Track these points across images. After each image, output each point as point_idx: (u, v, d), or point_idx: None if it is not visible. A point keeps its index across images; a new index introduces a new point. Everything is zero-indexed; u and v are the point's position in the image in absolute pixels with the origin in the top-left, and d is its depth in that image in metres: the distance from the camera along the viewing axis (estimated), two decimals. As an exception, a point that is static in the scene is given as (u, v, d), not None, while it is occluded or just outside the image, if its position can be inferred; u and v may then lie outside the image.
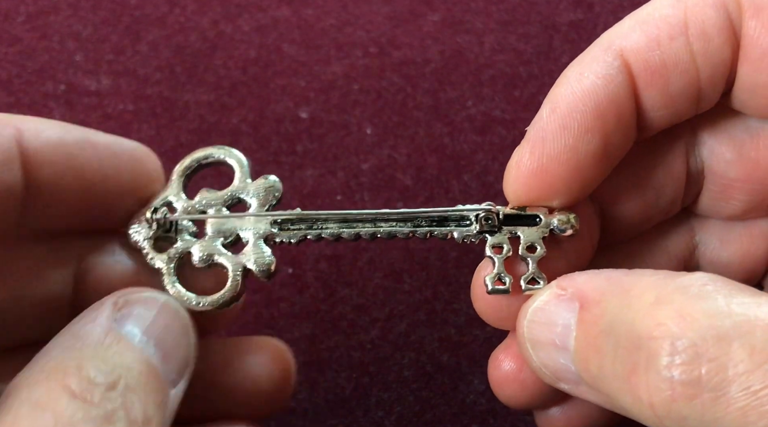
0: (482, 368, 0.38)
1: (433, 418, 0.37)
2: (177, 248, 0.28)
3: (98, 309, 0.25)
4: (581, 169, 0.26)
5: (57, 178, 0.27)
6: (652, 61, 0.26)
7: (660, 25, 0.26)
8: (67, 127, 0.27)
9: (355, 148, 0.43)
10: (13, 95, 0.44)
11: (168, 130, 0.43)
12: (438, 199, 0.42)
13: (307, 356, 0.38)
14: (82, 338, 0.24)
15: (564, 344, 0.24)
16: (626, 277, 0.23)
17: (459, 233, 0.28)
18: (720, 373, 0.19)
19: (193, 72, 0.45)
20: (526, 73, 0.45)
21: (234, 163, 0.29)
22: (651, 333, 0.21)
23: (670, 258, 0.31)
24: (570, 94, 0.26)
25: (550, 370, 0.25)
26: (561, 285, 0.25)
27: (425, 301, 0.39)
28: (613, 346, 0.22)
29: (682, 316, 0.20)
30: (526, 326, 0.25)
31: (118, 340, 0.24)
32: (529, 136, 0.27)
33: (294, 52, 0.46)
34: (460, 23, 0.47)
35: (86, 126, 0.43)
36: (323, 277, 0.39)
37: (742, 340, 0.19)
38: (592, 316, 0.23)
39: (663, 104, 0.27)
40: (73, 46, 0.46)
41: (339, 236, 0.28)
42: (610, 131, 0.26)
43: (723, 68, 0.27)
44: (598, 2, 0.48)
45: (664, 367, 0.20)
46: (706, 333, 0.20)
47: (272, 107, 0.44)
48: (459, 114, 0.44)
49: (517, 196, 0.27)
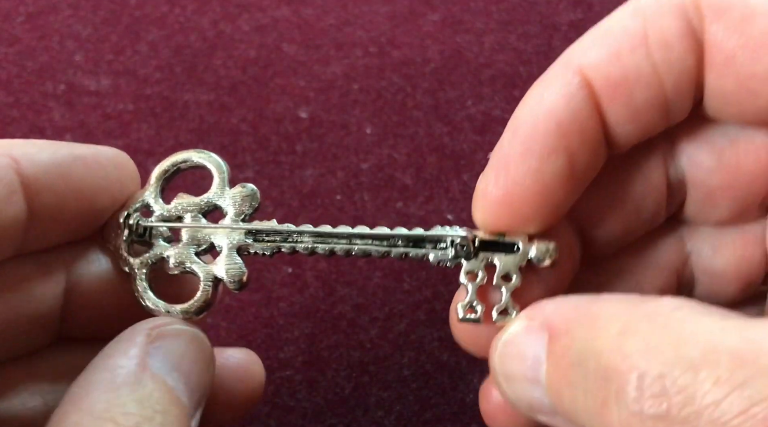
0: (482, 367, 0.38)
1: (433, 417, 0.37)
2: (150, 254, 0.28)
3: (131, 340, 0.25)
4: (549, 193, 0.25)
5: (56, 200, 0.27)
6: (613, 75, 0.26)
7: (619, 37, 0.26)
8: (55, 146, 0.27)
9: (354, 147, 0.43)
10: (12, 95, 0.44)
11: (168, 130, 0.43)
12: (438, 199, 0.42)
13: (306, 356, 0.38)
14: (119, 374, 0.24)
15: (535, 376, 0.23)
16: (593, 304, 0.23)
17: (434, 256, 0.27)
18: (688, 405, 0.19)
19: (192, 72, 0.45)
20: (526, 73, 0.45)
21: (213, 169, 0.29)
22: (618, 367, 0.20)
23: (662, 270, 0.30)
24: (530, 115, 0.26)
25: (525, 403, 0.24)
26: (529, 315, 0.24)
27: (425, 300, 0.39)
28: (582, 378, 0.21)
29: (648, 348, 0.20)
30: (497, 359, 0.25)
31: (153, 379, 0.24)
32: (492, 162, 0.26)
33: (294, 52, 0.46)
34: (460, 23, 0.47)
35: (86, 126, 0.43)
36: (323, 276, 0.39)
37: (709, 369, 0.19)
38: (561, 347, 0.22)
39: (629, 118, 0.26)
40: (73, 46, 0.46)
41: (313, 251, 0.28)
42: (575, 150, 0.25)
43: (688, 77, 0.26)
44: (598, 2, 0.48)
45: (632, 401, 0.20)
46: (672, 364, 0.19)
47: (272, 107, 0.44)
48: (459, 114, 0.44)
49: (486, 226, 0.26)
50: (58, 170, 0.27)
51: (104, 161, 0.28)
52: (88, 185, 0.27)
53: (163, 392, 0.24)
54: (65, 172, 0.27)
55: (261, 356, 0.38)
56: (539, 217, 0.26)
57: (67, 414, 0.23)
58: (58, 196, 0.27)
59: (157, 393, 0.24)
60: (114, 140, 0.43)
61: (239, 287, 0.28)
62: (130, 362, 0.24)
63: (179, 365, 0.25)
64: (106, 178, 0.28)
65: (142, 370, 0.24)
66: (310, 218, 0.41)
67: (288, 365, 0.38)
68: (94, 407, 0.23)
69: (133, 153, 0.42)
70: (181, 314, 0.28)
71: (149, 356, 0.25)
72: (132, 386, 0.24)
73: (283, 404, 0.37)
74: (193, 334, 0.27)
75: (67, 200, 0.27)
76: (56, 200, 0.27)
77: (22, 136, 0.43)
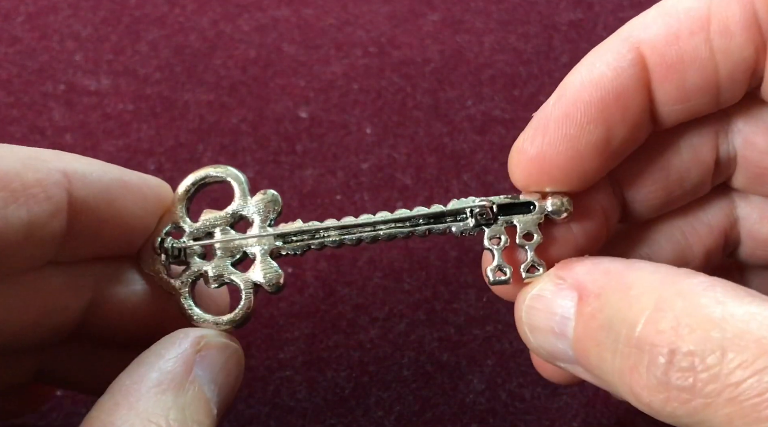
0: (482, 368, 0.38)
1: (433, 417, 0.37)
2: (189, 272, 0.29)
3: (181, 344, 0.26)
4: (582, 160, 0.26)
5: (97, 222, 0.27)
6: (669, 56, 0.26)
7: (682, 19, 0.26)
8: (106, 169, 0.28)
9: (354, 147, 0.43)
10: (13, 95, 0.44)
11: (168, 130, 0.43)
12: (438, 199, 0.42)
13: (306, 356, 0.38)
14: (168, 378, 0.25)
15: (562, 331, 0.25)
16: (626, 271, 0.24)
17: (457, 228, 0.28)
18: (712, 382, 0.21)
19: (192, 72, 0.45)
20: (525, 73, 0.45)
21: (232, 181, 0.30)
22: (651, 340, 0.22)
23: (711, 230, 0.30)
24: (578, 83, 0.26)
25: (547, 352, 0.26)
26: (559, 275, 0.25)
27: (425, 300, 0.39)
28: (613, 342, 0.23)
29: (681, 325, 0.21)
30: (524, 310, 0.26)
31: (194, 387, 0.25)
32: (534, 121, 0.27)
33: (294, 52, 0.46)
34: (460, 23, 0.47)
35: (86, 126, 0.43)
36: (323, 276, 0.39)
37: (735, 352, 0.21)
38: (591, 309, 0.24)
39: (679, 99, 0.27)
40: (73, 46, 0.46)
41: (342, 243, 0.29)
42: (615, 124, 0.26)
43: (744, 66, 0.26)
44: (597, 2, 0.48)
45: (662, 372, 0.22)
46: (702, 344, 0.21)
47: (272, 107, 0.44)
48: (459, 114, 0.44)
49: (518, 180, 0.27)
50: (104, 195, 0.27)
51: (147, 191, 0.29)
52: (129, 211, 0.28)
53: (202, 402, 0.25)
54: (111, 198, 0.28)
55: (261, 356, 0.38)
56: (569, 180, 0.27)
57: (119, 407, 0.24)
58: (100, 218, 0.27)
59: (196, 403, 0.25)
60: (114, 140, 0.43)
61: (278, 289, 0.29)
62: (178, 366, 0.25)
63: (217, 377, 0.26)
64: (145, 207, 0.29)
65: (187, 376, 0.25)
66: (310, 218, 0.41)
67: (288, 365, 0.38)
68: (143, 407, 0.24)
69: (133, 153, 0.43)
70: (229, 325, 0.28)
71: (195, 364, 0.26)
72: (177, 391, 0.25)
73: (283, 404, 0.37)
74: (234, 349, 0.28)
75: (106, 223, 0.28)
76: (97, 221, 0.27)
77: (22, 136, 0.43)
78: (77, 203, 0.27)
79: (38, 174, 0.25)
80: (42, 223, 0.25)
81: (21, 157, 0.26)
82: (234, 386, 0.27)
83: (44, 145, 0.42)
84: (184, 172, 0.30)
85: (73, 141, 0.43)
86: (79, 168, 0.27)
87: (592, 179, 0.27)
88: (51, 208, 0.26)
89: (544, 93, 0.44)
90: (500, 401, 0.37)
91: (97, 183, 0.27)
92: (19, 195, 0.25)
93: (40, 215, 0.25)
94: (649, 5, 0.27)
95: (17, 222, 0.25)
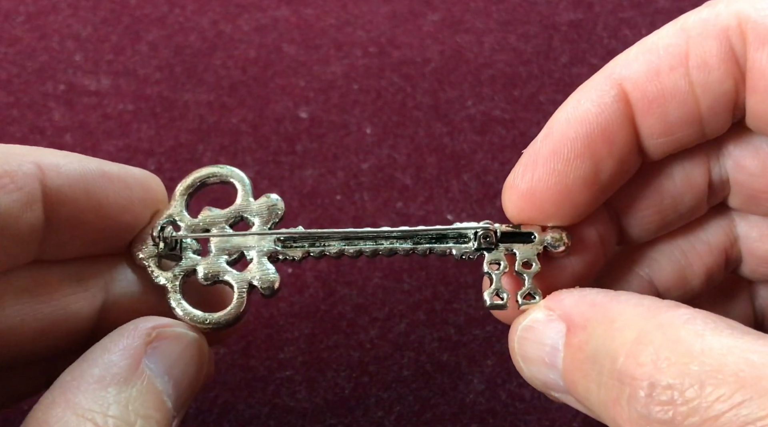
0: (482, 368, 0.38)
1: (433, 417, 0.37)
2: (182, 266, 0.29)
3: (130, 337, 0.25)
4: (571, 194, 0.27)
5: (76, 213, 0.27)
6: (650, 91, 0.27)
7: (661, 55, 0.27)
8: (83, 161, 0.28)
9: (354, 148, 0.43)
10: (13, 95, 0.44)
11: (168, 130, 0.43)
12: (438, 199, 0.42)
13: (306, 356, 0.38)
14: (111, 373, 0.24)
15: (552, 362, 0.25)
16: (611, 304, 0.24)
17: (457, 250, 0.29)
18: (692, 415, 0.21)
19: (192, 72, 0.45)
20: (525, 73, 0.45)
21: (236, 183, 0.30)
22: (632, 373, 0.22)
23: (711, 249, 0.31)
24: (564, 120, 0.27)
25: (540, 382, 0.26)
26: (549, 306, 0.26)
27: (425, 301, 0.39)
28: (597, 374, 0.23)
29: (660, 359, 0.22)
30: (516, 341, 0.27)
31: (142, 380, 0.24)
32: (523, 158, 0.28)
33: (294, 52, 0.46)
34: (460, 23, 0.47)
35: (86, 126, 0.43)
36: (323, 277, 0.39)
37: (713, 386, 0.21)
38: (578, 341, 0.24)
39: (663, 132, 0.27)
40: (72, 46, 0.46)
41: (342, 253, 0.29)
42: (601, 158, 0.27)
43: (725, 99, 0.27)
44: (597, 2, 0.48)
45: (642, 405, 0.22)
46: (681, 377, 0.21)
47: (272, 107, 0.44)
48: (459, 114, 0.44)
49: (511, 216, 0.28)
50: (82, 184, 0.27)
51: (130, 180, 0.29)
52: (111, 202, 0.28)
53: (151, 395, 0.24)
54: (89, 187, 0.27)
55: (261, 356, 0.38)
56: (561, 214, 0.28)
57: (55, 404, 0.23)
58: (79, 209, 0.27)
59: (143, 397, 0.24)
60: (114, 140, 0.43)
61: (272, 293, 0.28)
62: (124, 360, 0.24)
63: (172, 369, 0.25)
64: (130, 197, 0.28)
65: (133, 370, 0.24)
66: (310, 218, 0.41)
67: (288, 365, 0.38)
68: (79, 403, 0.23)
69: (133, 153, 0.43)
70: (219, 324, 0.28)
71: (145, 356, 0.25)
72: (120, 386, 0.24)
73: (283, 404, 0.37)
74: (192, 338, 0.27)
75: (87, 214, 0.27)
76: (77, 213, 0.27)
77: (22, 136, 0.43)
78: (52, 193, 0.26)
79: (7, 166, 0.25)
80: (15, 214, 0.25)
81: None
82: (195, 378, 0.27)
83: (44, 145, 0.42)
84: (184, 173, 0.30)
85: (73, 141, 0.43)
86: (53, 160, 0.27)
87: (584, 212, 0.28)
88: (23, 198, 0.25)
89: (544, 93, 0.44)
90: (500, 401, 0.37)
91: (73, 173, 0.27)
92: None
93: (11, 205, 0.25)
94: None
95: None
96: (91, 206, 0.27)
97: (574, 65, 0.45)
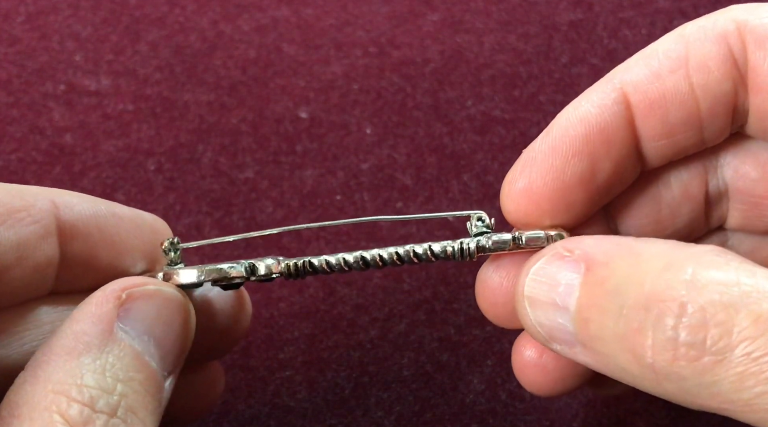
0: (482, 368, 0.38)
1: (433, 418, 0.37)
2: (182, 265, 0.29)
3: (100, 304, 0.25)
4: (568, 192, 0.27)
5: (90, 248, 0.28)
6: (651, 93, 0.27)
7: (662, 59, 0.27)
8: (95, 202, 0.29)
9: (354, 148, 0.43)
10: (13, 95, 0.44)
11: (167, 130, 0.43)
12: (438, 199, 0.42)
13: (306, 356, 0.38)
14: (82, 342, 0.24)
15: (564, 303, 0.25)
16: (636, 242, 0.24)
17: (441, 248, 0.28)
18: (724, 338, 0.20)
19: (192, 72, 0.45)
20: (525, 73, 0.45)
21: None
22: (661, 295, 0.22)
23: None
24: (564, 120, 0.28)
25: (546, 329, 0.25)
26: (567, 247, 0.25)
27: (425, 301, 0.39)
28: (618, 306, 0.23)
29: (692, 281, 0.21)
30: (527, 283, 0.26)
31: (118, 344, 0.24)
32: (523, 157, 0.28)
33: (294, 52, 0.46)
34: (460, 23, 0.47)
35: (86, 126, 0.43)
36: (323, 276, 0.39)
37: (748, 309, 0.20)
38: (598, 277, 0.24)
39: (663, 134, 0.28)
40: (72, 46, 0.46)
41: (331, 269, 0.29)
42: (599, 158, 0.27)
43: (724, 100, 0.27)
44: (597, 2, 0.48)
45: (670, 328, 0.21)
46: (714, 300, 0.21)
47: (272, 107, 0.44)
48: (459, 114, 0.44)
49: (508, 213, 0.28)
50: (94, 221, 0.28)
51: (140, 223, 0.29)
52: (122, 240, 0.29)
53: (129, 358, 0.24)
54: (101, 224, 0.28)
55: (261, 356, 0.38)
56: (557, 212, 0.28)
57: (25, 383, 0.23)
58: (93, 245, 0.28)
59: (121, 360, 0.24)
60: (114, 140, 0.43)
61: (254, 273, 0.28)
62: (95, 328, 0.24)
63: (151, 328, 0.25)
64: (140, 238, 0.29)
65: (106, 336, 0.24)
66: (310, 218, 0.41)
67: (288, 365, 0.38)
68: (50, 378, 0.23)
69: (133, 153, 0.43)
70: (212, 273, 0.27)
71: (117, 320, 0.25)
72: (94, 354, 0.23)
73: (283, 404, 0.37)
74: (168, 294, 0.26)
75: (100, 249, 0.28)
76: (90, 248, 0.28)
77: (22, 136, 0.43)
78: (67, 228, 0.27)
79: (23, 201, 0.26)
80: (32, 245, 0.26)
81: (7, 189, 0.27)
82: (181, 334, 0.26)
83: (44, 145, 0.42)
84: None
85: (73, 141, 0.43)
86: (66, 198, 0.28)
87: (581, 213, 0.28)
88: (39, 231, 0.26)
89: (544, 93, 0.44)
90: (500, 401, 0.37)
91: (86, 211, 0.28)
92: (5, 218, 0.26)
93: (28, 237, 0.26)
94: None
95: (6, 243, 0.26)
96: (104, 242, 0.28)
97: (574, 65, 0.45)
